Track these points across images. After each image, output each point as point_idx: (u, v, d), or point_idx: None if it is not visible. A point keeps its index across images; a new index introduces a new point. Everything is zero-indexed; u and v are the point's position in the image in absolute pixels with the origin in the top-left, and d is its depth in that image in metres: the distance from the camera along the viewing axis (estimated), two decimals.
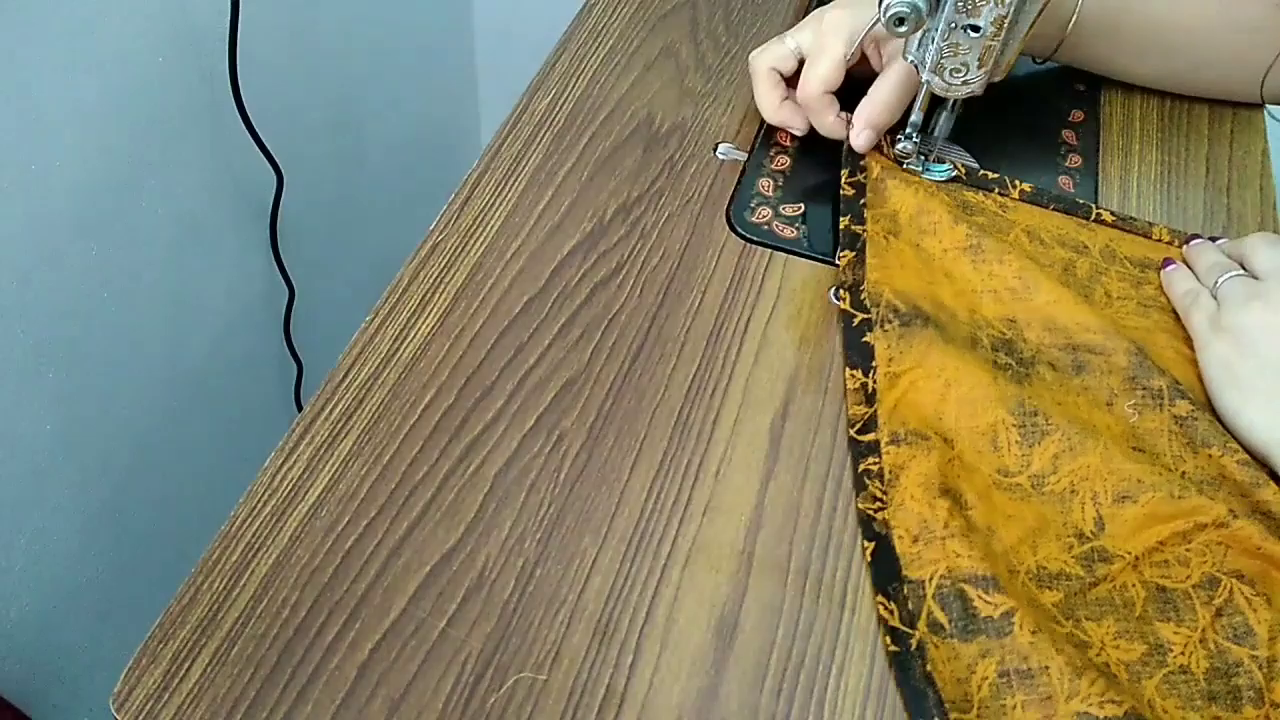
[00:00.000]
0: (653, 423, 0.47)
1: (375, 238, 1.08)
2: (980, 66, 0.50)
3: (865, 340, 0.48)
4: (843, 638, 0.40)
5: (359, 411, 0.46)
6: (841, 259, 0.52)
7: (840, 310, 0.50)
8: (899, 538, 0.43)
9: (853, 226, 0.53)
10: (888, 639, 0.40)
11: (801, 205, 0.57)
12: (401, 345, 0.48)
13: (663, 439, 0.46)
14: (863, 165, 0.56)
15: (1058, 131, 0.63)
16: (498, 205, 0.55)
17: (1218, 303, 0.50)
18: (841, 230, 0.53)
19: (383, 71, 1.02)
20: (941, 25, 0.48)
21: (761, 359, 0.49)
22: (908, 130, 0.55)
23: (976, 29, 0.48)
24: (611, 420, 0.46)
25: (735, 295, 0.52)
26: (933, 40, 0.49)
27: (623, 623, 0.40)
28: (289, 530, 0.42)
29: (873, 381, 0.47)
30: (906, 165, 0.57)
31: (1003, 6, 0.47)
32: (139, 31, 0.65)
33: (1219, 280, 0.50)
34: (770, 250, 0.54)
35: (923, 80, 0.52)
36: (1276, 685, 0.39)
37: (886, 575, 0.42)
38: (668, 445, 0.46)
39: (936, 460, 0.44)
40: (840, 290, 0.51)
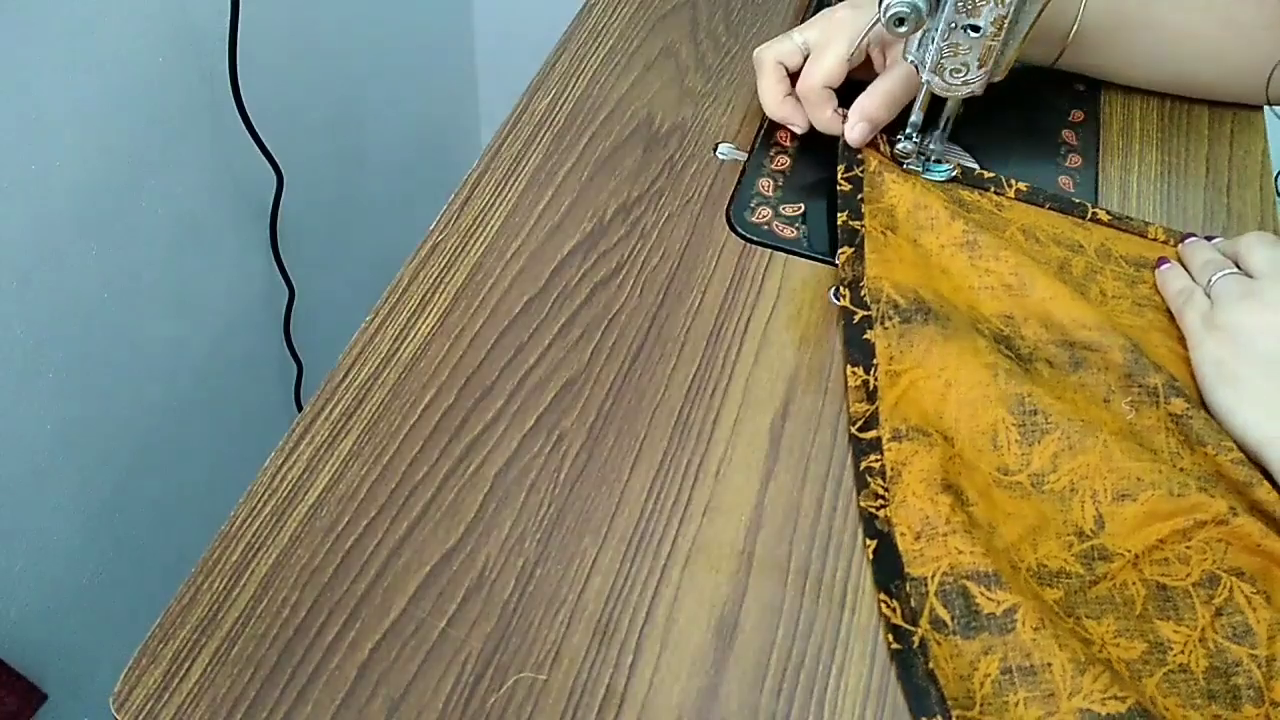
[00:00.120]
0: (653, 423, 0.47)
1: (375, 238, 1.08)
2: (980, 66, 0.50)
3: (866, 337, 0.48)
4: (843, 638, 0.40)
5: (359, 411, 0.46)
6: (841, 255, 0.52)
7: (841, 308, 0.50)
8: (901, 535, 0.43)
9: (850, 222, 0.53)
10: (890, 637, 0.40)
11: (801, 205, 0.57)
12: (401, 345, 0.48)
13: (663, 439, 0.46)
14: (859, 159, 0.56)
15: (1058, 131, 0.63)
16: (498, 205, 0.55)
17: (1211, 301, 0.49)
18: (839, 226, 0.53)
19: (383, 71, 1.02)
20: (941, 25, 0.48)
21: (761, 359, 0.49)
22: (908, 130, 0.55)
23: (976, 29, 0.48)
24: (611, 420, 0.46)
25: (735, 295, 0.52)
26: (933, 40, 0.49)
27: (623, 623, 0.40)
28: (289, 530, 0.42)
29: (874, 379, 0.47)
30: (907, 165, 0.56)
31: (1003, 6, 0.47)
32: (139, 31, 0.65)
33: (1213, 278, 0.50)
34: (770, 250, 0.54)
35: (923, 80, 0.52)
36: (1276, 684, 0.39)
37: (889, 573, 0.42)
38: (668, 445, 0.46)
39: (939, 456, 0.44)
40: (840, 287, 0.51)
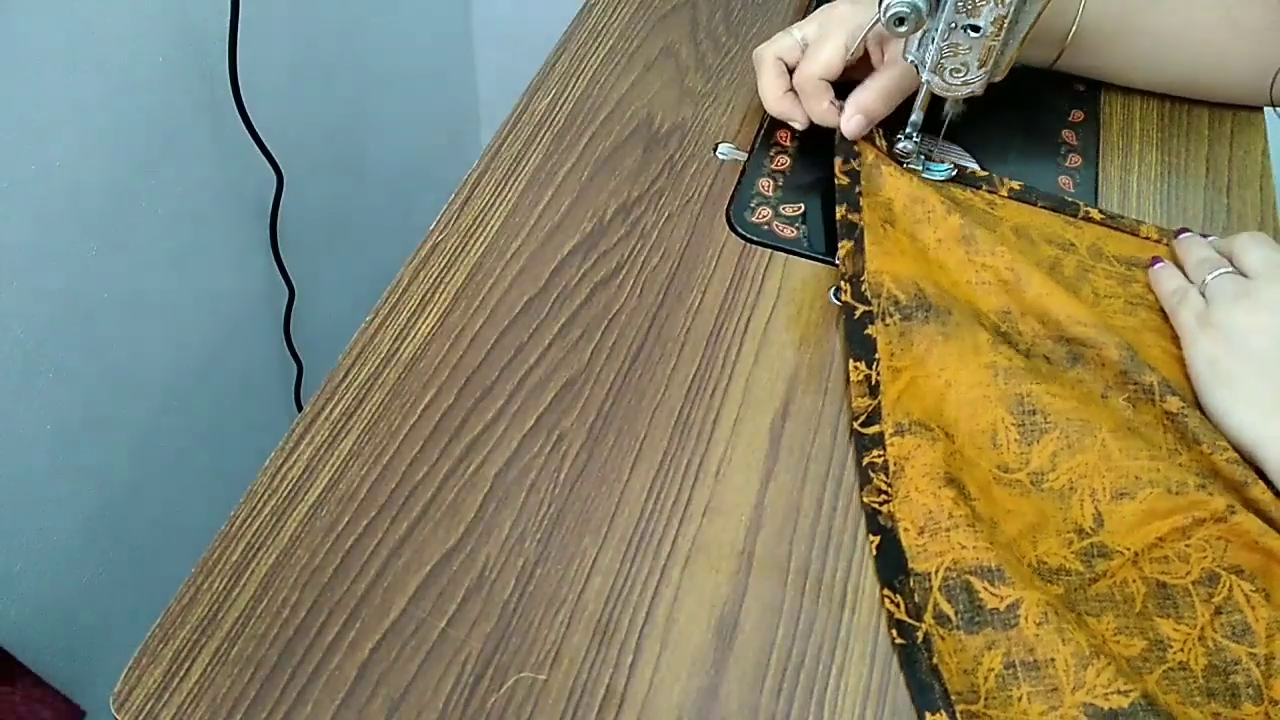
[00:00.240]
0: (653, 423, 0.47)
1: (375, 238, 1.08)
2: (980, 66, 0.50)
3: (867, 333, 0.48)
4: (843, 638, 0.40)
5: (359, 411, 0.46)
6: (841, 249, 0.51)
7: (842, 302, 0.50)
8: (904, 530, 0.43)
9: (849, 215, 0.53)
10: (894, 632, 0.40)
11: (801, 205, 0.57)
12: (401, 345, 0.48)
13: (663, 439, 0.46)
14: (856, 152, 0.55)
15: (1058, 131, 0.63)
16: (498, 205, 0.55)
17: (1206, 300, 0.49)
18: (838, 220, 0.53)
19: (383, 72, 1.02)
20: (941, 25, 0.48)
21: (761, 359, 0.49)
22: (908, 130, 0.55)
23: (976, 29, 0.48)
24: (611, 420, 0.46)
25: (735, 295, 0.52)
26: (933, 40, 0.49)
27: (623, 623, 0.40)
28: (289, 530, 0.42)
29: (876, 373, 0.47)
30: (907, 165, 0.56)
31: (1003, 6, 0.47)
32: (139, 31, 0.65)
33: (1208, 278, 0.50)
34: (770, 250, 0.54)
35: (923, 80, 0.52)
36: (1275, 683, 0.39)
37: (892, 568, 0.42)
38: (668, 445, 0.46)
39: (941, 451, 0.44)
40: (841, 282, 0.51)
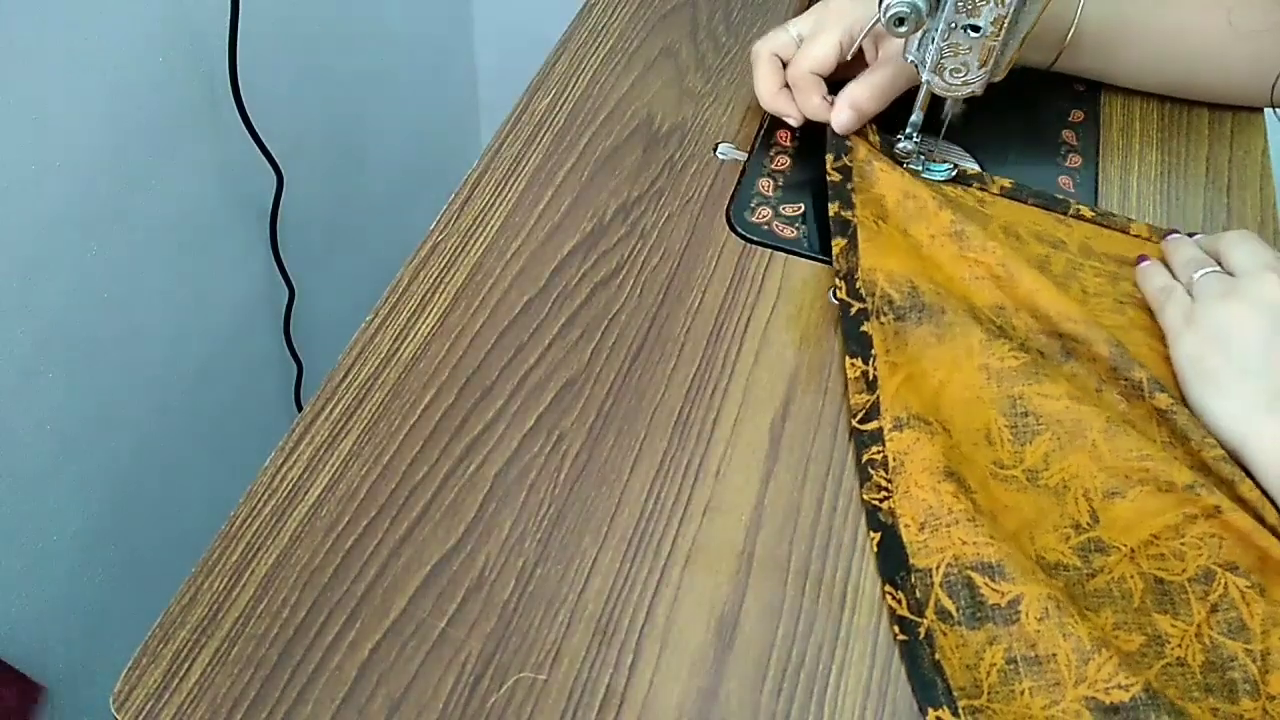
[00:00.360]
0: (653, 423, 0.47)
1: (375, 238, 1.08)
2: (980, 66, 0.50)
3: (864, 329, 0.48)
4: (843, 638, 0.40)
5: (359, 411, 0.46)
6: (835, 246, 0.51)
7: (839, 300, 0.50)
8: (905, 526, 0.43)
9: (842, 212, 0.53)
10: (896, 628, 0.40)
11: (801, 205, 0.57)
12: (401, 345, 0.48)
13: (663, 439, 0.46)
14: (848, 148, 0.55)
15: (1058, 131, 0.63)
16: (498, 205, 0.55)
17: (1192, 298, 0.49)
18: (831, 217, 0.52)
19: (383, 71, 1.02)
20: (941, 25, 0.48)
21: (761, 359, 0.49)
22: (908, 130, 0.55)
23: (976, 29, 0.48)
24: (611, 420, 0.46)
25: (735, 295, 0.52)
26: (933, 40, 0.49)
27: (623, 623, 0.40)
28: (289, 530, 0.42)
29: (873, 369, 0.47)
30: (907, 165, 0.56)
31: (1003, 7, 0.47)
32: (139, 31, 0.65)
33: (1194, 276, 0.50)
34: (770, 250, 0.54)
35: (923, 80, 0.52)
36: (1271, 678, 0.39)
37: (894, 565, 0.42)
38: (668, 445, 0.46)
39: (940, 445, 0.44)
40: (836, 279, 0.51)
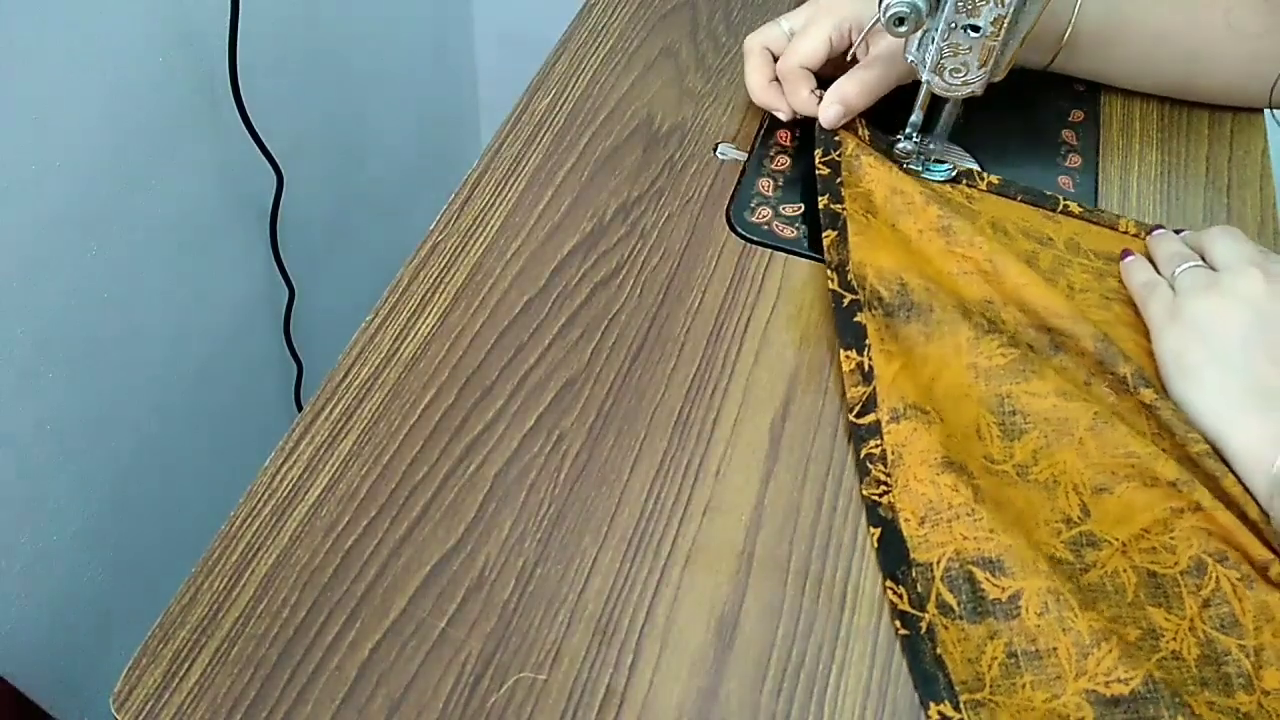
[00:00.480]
0: (653, 423, 0.47)
1: (375, 238, 1.08)
2: (980, 66, 0.50)
3: (857, 320, 0.48)
4: (843, 638, 0.40)
5: (359, 411, 0.46)
6: (825, 239, 0.51)
7: (831, 291, 0.50)
8: (905, 520, 0.43)
9: (831, 206, 0.53)
10: (897, 623, 0.40)
11: (801, 205, 0.57)
12: (401, 345, 0.48)
13: (663, 439, 0.46)
14: (837, 142, 0.55)
15: (1058, 131, 0.63)
16: (498, 205, 0.55)
17: (1175, 293, 0.50)
18: (821, 210, 0.53)
19: (383, 71, 1.02)
20: (941, 25, 0.48)
21: (761, 359, 0.49)
22: (908, 130, 0.55)
23: (976, 29, 0.48)
24: (611, 420, 0.46)
25: (735, 295, 0.52)
26: (933, 40, 0.49)
27: (623, 623, 0.40)
28: (289, 530, 0.42)
29: (868, 360, 0.47)
30: (907, 165, 0.56)
31: (1002, 7, 0.47)
32: (139, 31, 0.65)
33: (1177, 271, 0.50)
34: (770, 250, 0.54)
35: (923, 80, 0.52)
36: (1265, 673, 0.39)
37: (894, 559, 0.42)
38: (668, 445, 0.46)
39: (938, 435, 0.44)
40: (829, 270, 0.51)
